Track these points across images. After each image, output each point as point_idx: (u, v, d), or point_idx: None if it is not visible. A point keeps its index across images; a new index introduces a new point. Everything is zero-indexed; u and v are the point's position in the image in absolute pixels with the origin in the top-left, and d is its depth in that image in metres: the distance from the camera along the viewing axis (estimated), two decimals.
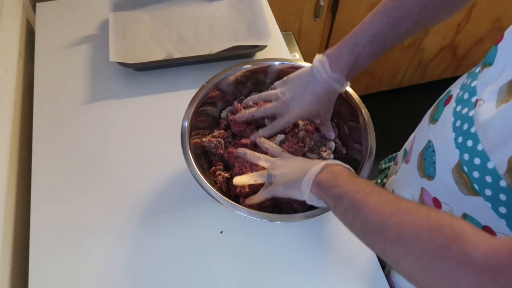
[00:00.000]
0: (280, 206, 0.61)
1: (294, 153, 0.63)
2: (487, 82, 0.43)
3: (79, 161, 0.71)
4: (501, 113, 0.39)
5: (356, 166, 0.59)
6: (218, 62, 0.84)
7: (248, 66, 0.70)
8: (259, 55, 0.85)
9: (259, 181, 0.58)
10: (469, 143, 0.42)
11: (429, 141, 0.51)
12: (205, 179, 0.57)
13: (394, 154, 0.82)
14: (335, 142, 0.68)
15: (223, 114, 0.71)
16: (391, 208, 0.40)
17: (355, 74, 0.58)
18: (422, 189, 0.52)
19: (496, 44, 0.44)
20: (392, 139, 0.89)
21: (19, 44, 0.83)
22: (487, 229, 0.44)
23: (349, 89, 0.65)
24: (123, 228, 0.65)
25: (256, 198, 0.57)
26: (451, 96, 0.50)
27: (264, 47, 0.82)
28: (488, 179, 0.40)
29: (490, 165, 0.40)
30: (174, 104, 0.78)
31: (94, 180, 0.69)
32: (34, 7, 0.96)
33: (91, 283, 0.60)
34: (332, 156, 0.66)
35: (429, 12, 0.52)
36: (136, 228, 0.65)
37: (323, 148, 0.67)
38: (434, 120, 0.52)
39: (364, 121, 0.63)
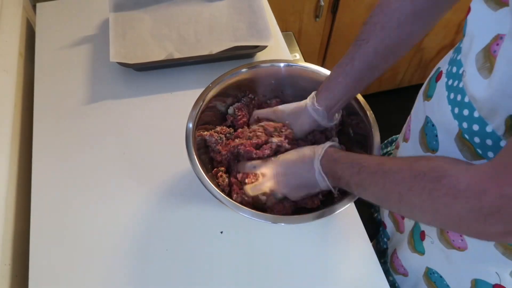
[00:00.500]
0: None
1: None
2: (465, 53, 0.46)
3: (79, 161, 0.71)
4: (486, 82, 0.41)
5: None
6: (218, 62, 0.84)
7: (254, 68, 0.69)
8: (260, 55, 0.85)
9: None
10: (465, 112, 0.45)
11: (427, 117, 0.54)
12: (209, 180, 0.57)
13: (390, 139, 0.86)
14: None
15: (230, 110, 0.71)
16: (379, 175, 0.45)
17: (337, 107, 0.62)
18: None
19: (466, 16, 0.47)
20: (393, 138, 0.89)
21: (19, 44, 0.83)
22: None
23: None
24: (123, 229, 0.64)
25: (259, 187, 0.58)
26: (441, 73, 0.52)
27: (264, 47, 0.82)
28: (489, 142, 0.43)
29: (488, 128, 0.42)
30: (175, 104, 0.78)
31: (94, 180, 0.69)
32: (34, 7, 0.96)
33: (91, 283, 0.60)
34: None
35: (392, 28, 0.54)
36: (136, 228, 0.65)
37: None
38: (428, 97, 0.55)
39: (369, 123, 0.62)
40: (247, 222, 0.65)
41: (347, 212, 0.65)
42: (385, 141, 0.86)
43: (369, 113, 0.63)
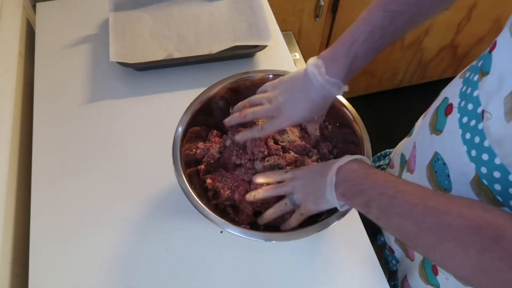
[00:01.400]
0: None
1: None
2: (489, 92, 0.42)
3: (79, 161, 0.71)
4: None
5: None
6: (218, 62, 0.84)
7: (256, 75, 0.67)
8: (259, 55, 0.85)
9: (286, 209, 0.56)
10: (485, 156, 0.41)
11: (437, 153, 0.49)
12: (193, 192, 0.55)
13: (384, 152, 0.81)
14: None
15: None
16: (420, 209, 0.39)
17: (353, 75, 0.54)
18: None
19: (490, 52, 0.43)
20: (392, 139, 0.89)
21: (19, 44, 0.83)
22: None
23: (343, 100, 0.63)
24: (123, 229, 0.65)
25: (290, 226, 0.56)
26: (451, 105, 0.48)
27: (264, 47, 0.82)
28: None
29: (511, 177, 0.39)
30: (174, 104, 0.78)
31: (94, 180, 0.69)
32: (34, 7, 0.96)
33: (91, 283, 0.60)
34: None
35: (426, 2, 0.50)
36: (136, 228, 0.65)
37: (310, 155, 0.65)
38: (437, 131, 0.50)
39: (361, 136, 0.60)
40: None
41: (352, 222, 0.65)
42: (378, 154, 0.81)
43: (360, 130, 0.60)
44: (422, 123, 0.57)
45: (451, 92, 0.50)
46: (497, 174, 0.40)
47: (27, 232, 0.64)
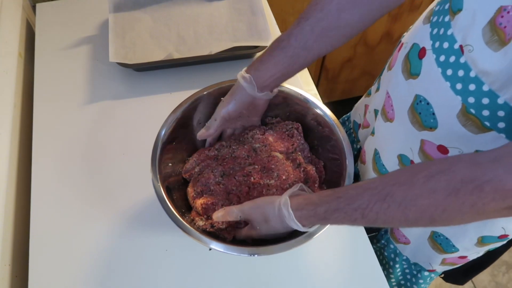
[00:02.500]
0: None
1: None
2: (464, 27, 0.44)
3: (79, 161, 0.71)
4: (504, 55, 0.40)
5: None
6: (218, 63, 0.84)
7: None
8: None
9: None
10: (472, 87, 0.43)
11: (418, 96, 0.52)
12: (174, 209, 0.56)
13: (345, 117, 0.87)
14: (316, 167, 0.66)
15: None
16: (393, 210, 0.41)
17: (269, 82, 0.60)
18: (423, 141, 0.53)
19: None
20: None
21: (19, 44, 0.83)
22: None
23: (328, 111, 0.65)
24: (124, 229, 0.65)
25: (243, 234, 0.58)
26: (423, 49, 0.51)
27: (264, 47, 0.82)
28: (501, 113, 0.42)
29: (500, 100, 0.42)
30: (174, 104, 0.77)
31: (94, 181, 0.69)
32: (34, 7, 0.96)
33: (90, 283, 0.60)
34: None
35: (330, 11, 0.53)
36: (136, 228, 0.65)
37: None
38: (414, 75, 0.53)
39: (342, 148, 0.62)
40: None
41: None
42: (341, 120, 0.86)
43: (343, 135, 0.62)
44: (392, 73, 0.59)
45: (419, 37, 0.52)
46: (485, 101, 0.43)
47: (27, 234, 0.64)
